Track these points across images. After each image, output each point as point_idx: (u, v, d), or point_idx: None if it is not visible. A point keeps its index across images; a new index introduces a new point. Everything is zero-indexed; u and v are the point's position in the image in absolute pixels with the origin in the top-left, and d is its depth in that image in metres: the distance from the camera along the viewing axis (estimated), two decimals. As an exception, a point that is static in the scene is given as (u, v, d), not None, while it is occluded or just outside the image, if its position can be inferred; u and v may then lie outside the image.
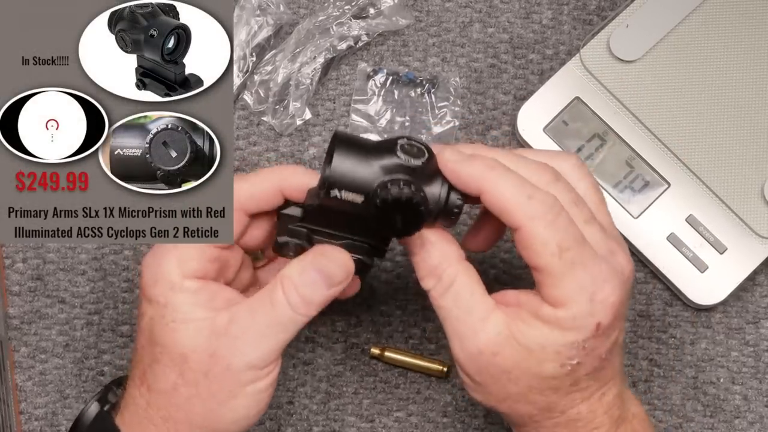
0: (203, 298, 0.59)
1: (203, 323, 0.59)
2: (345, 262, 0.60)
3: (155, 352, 0.59)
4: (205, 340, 0.58)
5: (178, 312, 0.59)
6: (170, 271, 0.60)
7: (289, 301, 0.59)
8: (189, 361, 0.59)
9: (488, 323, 0.58)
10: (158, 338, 0.59)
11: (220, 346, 0.58)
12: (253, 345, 0.59)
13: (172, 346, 0.59)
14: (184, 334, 0.59)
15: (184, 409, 0.59)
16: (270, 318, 0.59)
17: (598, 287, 0.58)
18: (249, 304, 0.59)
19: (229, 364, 0.58)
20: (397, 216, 0.58)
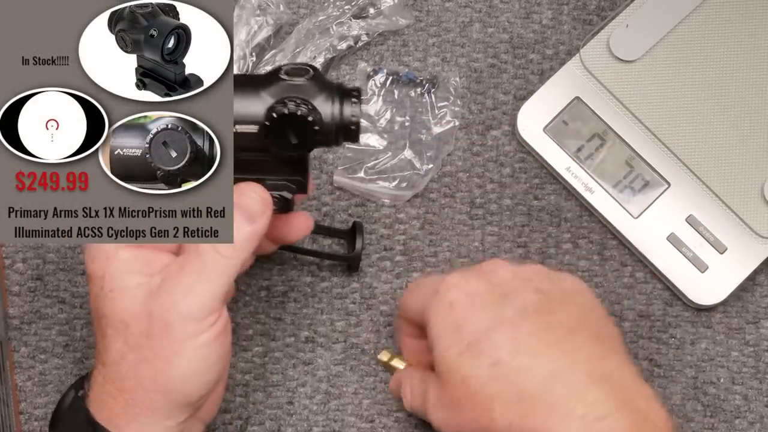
0: (138, 265, 0.60)
1: (139, 288, 0.59)
2: (260, 194, 0.61)
3: (102, 326, 0.60)
4: (141, 303, 0.59)
5: (115, 280, 0.60)
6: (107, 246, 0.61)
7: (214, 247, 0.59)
8: (130, 326, 0.59)
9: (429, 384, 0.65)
10: (101, 310, 0.60)
11: (155, 305, 0.59)
12: (185, 296, 0.59)
13: (112, 314, 0.59)
14: (121, 301, 0.59)
15: (133, 376, 0.59)
16: (198, 266, 0.59)
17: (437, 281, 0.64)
18: (179, 261, 0.60)
19: (166, 321, 0.58)
20: (289, 132, 0.59)
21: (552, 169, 0.75)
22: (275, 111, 0.59)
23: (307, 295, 0.75)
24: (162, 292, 0.59)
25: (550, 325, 0.61)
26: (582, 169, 0.75)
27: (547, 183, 0.76)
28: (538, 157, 0.76)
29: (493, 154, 0.77)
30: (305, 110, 0.59)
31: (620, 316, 0.75)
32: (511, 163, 0.77)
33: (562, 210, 0.76)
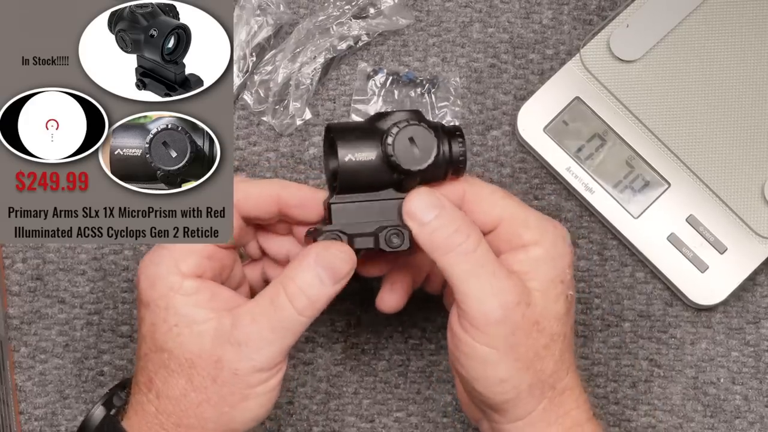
0: (204, 298, 0.59)
1: (207, 326, 0.58)
2: (349, 255, 0.59)
3: (162, 359, 0.59)
4: (210, 345, 0.58)
5: (180, 315, 0.58)
6: (168, 272, 0.59)
7: (293, 305, 0.58)
8: (196, 366, 0.58)
9: (513, 277, 0.60)
10: (163, 344, 0.59)
11: (226, 353, 0.58)
12: (258, 350, 0.58)
13: (178, 351, 0.58)
14: (189, 338, 0.58)
15: (195, 415, 0.59)
16: (274, 322, 0.58)
17: (545, 220, 0.62)
18: (251, 309, 0.59)
19: (237, 370, 0.58)
20: (413, 147, 0.60)
21: (552, 169, 0.75)
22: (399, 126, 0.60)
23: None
24: (235, 342, 0.58)
25: None
26: (582, 169, 0.75)
27: (548, 183, 0.76)
28: (539, 157, 0.76)
29: (493, 154, 0.77)
30: (427, 125, 0.60)
31: (620, 316, 0.75)
32: (511, 163, 0.77)
33: (562, 210, 0.76)
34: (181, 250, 0.60)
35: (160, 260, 0.60)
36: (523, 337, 0.59)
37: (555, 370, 0.61)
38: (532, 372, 0.60)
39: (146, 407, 0.60)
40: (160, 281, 0.59)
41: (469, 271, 0.59)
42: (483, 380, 0.60)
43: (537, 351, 0.60)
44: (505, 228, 0.61)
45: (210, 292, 0.59)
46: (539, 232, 0.61)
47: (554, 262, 0.61)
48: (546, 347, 0.60)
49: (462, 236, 0.59)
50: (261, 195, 0.62)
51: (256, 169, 0.76)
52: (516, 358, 0.59)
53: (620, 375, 0.74)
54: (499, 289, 0.59)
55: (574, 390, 0.62)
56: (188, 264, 0.59)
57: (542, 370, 0.60)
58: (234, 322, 0.58)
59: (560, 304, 0.61)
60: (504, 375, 0.59)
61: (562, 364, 0.61)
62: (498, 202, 0.62)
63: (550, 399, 0.61)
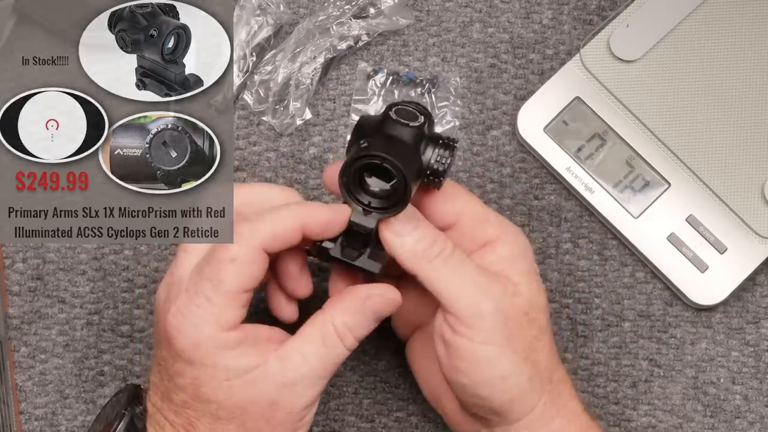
0: (248, 346, 0.59)
1: (255, 373, 0.58)
2: (394, 298, 0.61)
3: (209, 409, 0.59)
4: (261, 391, 0.58)
5: (230, 370, 0.58)
6: (211, 332, 0.58)
7: (344, 344, 0.60)
8: (249, 412, 0.59)
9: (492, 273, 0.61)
10: (211, 397, 0.59)
11: (280, 396, 0.58)
12: (312, 387, 0.59)
13: (229, 402, 0.58)
14: (241, 389, 0.58)
15: None
16: (326, 361, 0.59)
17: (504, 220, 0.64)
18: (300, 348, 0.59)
19: (292, 409, 0.59)
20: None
21: (552, 169, 0.75)
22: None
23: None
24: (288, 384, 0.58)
25: None
26: (582, 169, 0.75)
27: (547, 183, 0.76)
28: (538, 157, 0.76)
29: (493, 154, 0.77)
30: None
31: (620, 316, 0.75)
32: (511, 163, 0.77)
33: (562, 210, 0.76)
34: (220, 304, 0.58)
35: (199, 319, 0.58)
36: (516, 327, 0.60)
37: (548, 363, 0.62)
38: (530, 364, 0.61)
39: None
40: (204, 342, 0.58)
41: (453, 273, 0.60)
42: (487, 381, 0.60)
43: (530, 342, 0.61)
44: (467, 223, 0.62)
45: (252, 338, 0.59)
46: (500, 227, 0.63)
47: (524, 255, 0.62)
48: (537, 338, 0.61)
49: (440, 245, 0.60)
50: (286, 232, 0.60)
51: (256, 169, 0.76)
52: (513, 350, 0.60)
53: (620, 375, 0.74)
54: (485, 283, 0.60)
55: (566, 382, 0.64)
56: (228, 319, 0.58)
57: (538, 362, 0.61)
58: (283, 364, 0.59)
59: (542, 296, 0.62)
60: (506, 371, 0.60)
61: (553, 356, 0.63)
62: (458, 198, 0.63)
63: (549, 393, 0.61)
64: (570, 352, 0.74)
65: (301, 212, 0.60)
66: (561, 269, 0.75)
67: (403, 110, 0.61)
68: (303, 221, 0.60)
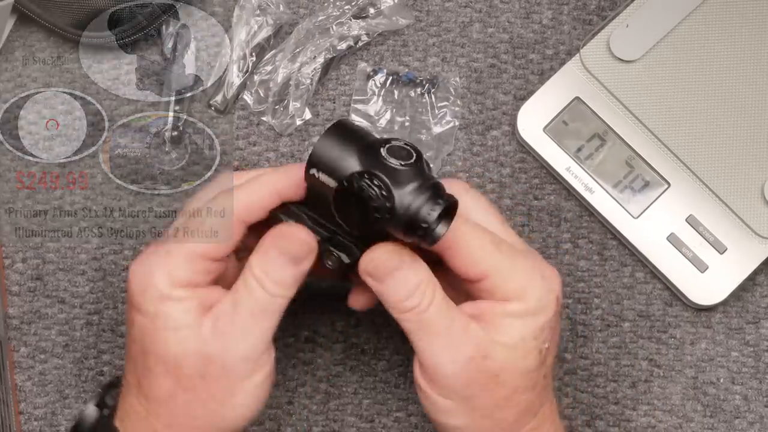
0: (193, 304, 0.59)
1: (193, 328, 0.59)
2: (304, 239, 0.59)
3: (149, 362, 0.59)
4: (195, 344, 0.59)
5: (169, 320, 0.59)
6: (160, 281, 0.59)
7: (265, 288, 0.59)
8: (183, 367, 0.59)
9: (471, 330, 0.59)
10: (150, 347, 0.59)
11: (211, 347, 0.58)
12: (241, 338, 0.59)
13: (165, 354, 0.59)
14: (175, 341, 0.59)
15: (184, 415, 0.59)
16: (251, 306, 0.59)
17: (542, 266, 0.60)
18: (229, 298, 0.59)
19: (224, 363, 0.59)
20: (353, 207, 0.56)
21: (552, 169, 0.75)
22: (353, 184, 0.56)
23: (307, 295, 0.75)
24: (218, 333, 0.58)
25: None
26: (582, 169, 0.75)
27: (547, 183, 0.76)
28: (538, 157, 0.76)
29: (493, 154, 0.77)
30: (379, 202, 0.55)
31: (620, 316, 0.75)
32: (511, 163, 0.77)
33: (562, 210, 0.76)
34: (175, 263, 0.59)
35: (152, 269, 0.59)
36: (478, 389, 0.59)
37: (518, 419, 0.61)
38: (491, 420, 0.60)
39: (137, 409, 0.60)
40: (151, 288, 0.59)
41: (422, 329, 0.59)
42: (442, 426, 0.61)
43: (497, 402, 0.60)
44: (490, 282, 0.60)
45: (199, 298, 0.59)
46: (523, 286, 0.59)
47: (532, 318, 0.60)
48: (507, 398, 0.60)
49: (416, 298, 0.59)
50: (262, 199, 0.61)
51: (256, 169, 0.76)
52: (472, 408, 0.60)
53: (620, 375, 0.74)
54: (451, 345, 0.58)
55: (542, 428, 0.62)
56: (181, 276, 0.59)
57: (504, 419, 0.60)
58: (216, 316, 0.59)
59: (529, 360, 0.60)
60: (460, 423, 0.60)
61: (528, 412, 0.61)
62: (485, 259, 0.59)
63: None
64: (570, 352, 0.74)
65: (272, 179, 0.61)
66: (561, 269, 0.75)
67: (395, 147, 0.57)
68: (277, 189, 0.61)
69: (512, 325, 0.59)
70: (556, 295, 0.60)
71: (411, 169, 0.56)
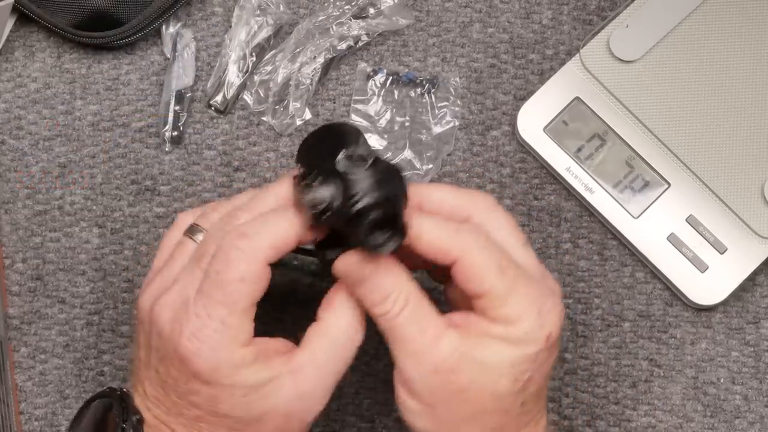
0: (261, 362, 0.59)
1: (270, 387, 0.59)
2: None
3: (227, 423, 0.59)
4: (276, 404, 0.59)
5: (247, 386, 0.59)
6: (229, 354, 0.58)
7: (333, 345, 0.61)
8: (264, 422, 0.59)
9: (443, 341, 0.58)
10: (229, 412, 0.59)
11: (293, 407, 0.59)
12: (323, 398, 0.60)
13: (247, 416, 0.59)
14: (257, 403, 0.59)
15: None
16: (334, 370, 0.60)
17: (543, 300, 0.59)
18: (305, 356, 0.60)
19: (304, 419, 0.60)
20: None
21: (552, 170, 0.75)
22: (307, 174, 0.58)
23: (307, 296, 0.75)
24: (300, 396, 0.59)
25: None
26: (582, 170, 0.75)
27: (547, 183, 0.76)
28: (538, 157, 0.76)
29: (493, 154, 0.77)
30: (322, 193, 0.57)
31: (620, 316, 0.75)
32: (511, 163, 0.77)
33: (562, 210, 0.76)
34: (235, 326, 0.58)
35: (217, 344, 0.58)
36: (442, 401, 0.59)
37: None
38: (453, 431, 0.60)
39: None
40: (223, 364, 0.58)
41: (392, 334, 0.59)
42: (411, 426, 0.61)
43: (463, 416, 0.59)
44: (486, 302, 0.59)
45: (263, 351, 0.59)
46: (517, 315, 0.58)
47: (514, 346, 0.58)
48: (474, 416, 0.59)
49: (387, 304, 0.59)
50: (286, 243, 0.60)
51: (255, 170, 0.76)
52: (438, 417, 0.59)
53: (620, 375, 0.74)
54: (417, 354, 0.58)
55: None
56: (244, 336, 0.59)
57: None
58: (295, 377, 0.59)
59: (502, 384, 0.59)
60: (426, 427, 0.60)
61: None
62: (486, 279, 0.58)
63: None
64: (570, 352, 0.74)
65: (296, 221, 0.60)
66: (561, 269, 0.75)
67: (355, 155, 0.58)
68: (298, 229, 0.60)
69: (492, 346, 0.58)
70: (549, 333, 0.59)
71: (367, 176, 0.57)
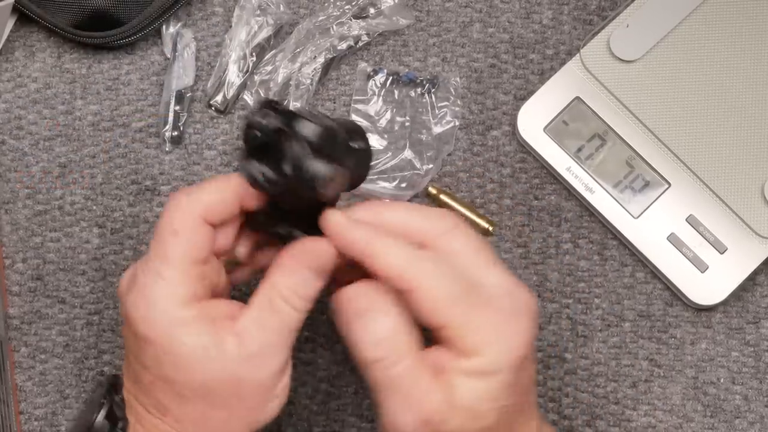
0: (205, 324, 0.58)
1: (215, 351, 0.58)
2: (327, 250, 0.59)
3: (175, 389, 0.58)
4: (223, 368, 0.58)
5: (187, 346, 0.57)
6: (164, 307, 0.58)
7: (292, 305, 0.58)
8: (215, 390, 0.58)
9: (433, 392, 0.57)
10: (173, 376, 0.58)
11: (242, 370, 0.58)
12: (272, 356, 0.58)
13: (191, 381, 0.58)
14: (201, 368, 0.58)
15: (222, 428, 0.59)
16: (279, 326, 0.58)
17: (506, 325, 0.57)
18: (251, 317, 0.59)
19: (258, 382, 0.58)
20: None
21: (552, 169, 0.75)
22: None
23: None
24: (249, 356, 0.58)
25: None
26: (582, 169, 0.75)
27: (547, 183, 0.76)
28: (538, 157, 0.76)
29: (493, 154, 0.77)
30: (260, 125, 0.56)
31: (620, 316, 0.75)
32: (511, 163, 0.77)
33: (562, 210, 0.76)
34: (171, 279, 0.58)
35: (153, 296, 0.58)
36: None
37: None
38: None
39: (162, 427, 0.59)
40: (158, 317, 0.58)
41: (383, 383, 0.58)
42: None
43: None
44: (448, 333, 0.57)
45: (208, 314, 0.58)
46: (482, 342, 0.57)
47: (488, 378, 0.57)
48: None
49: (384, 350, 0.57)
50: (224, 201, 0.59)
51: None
52: None
53: (620, 375, 0.74)
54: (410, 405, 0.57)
55: None
56: (181, 292, 0.58)
57: None
58: (241, 338, 0.58)
59: (487, 421, 0.57)
60: None
61: None
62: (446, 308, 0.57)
63: None
64: (570, 352, 0.74)
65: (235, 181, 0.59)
66: (561, 269, 0.75)
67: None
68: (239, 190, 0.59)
69: (467, 386, 0.57)
70: (519, 355, 0.57)
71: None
